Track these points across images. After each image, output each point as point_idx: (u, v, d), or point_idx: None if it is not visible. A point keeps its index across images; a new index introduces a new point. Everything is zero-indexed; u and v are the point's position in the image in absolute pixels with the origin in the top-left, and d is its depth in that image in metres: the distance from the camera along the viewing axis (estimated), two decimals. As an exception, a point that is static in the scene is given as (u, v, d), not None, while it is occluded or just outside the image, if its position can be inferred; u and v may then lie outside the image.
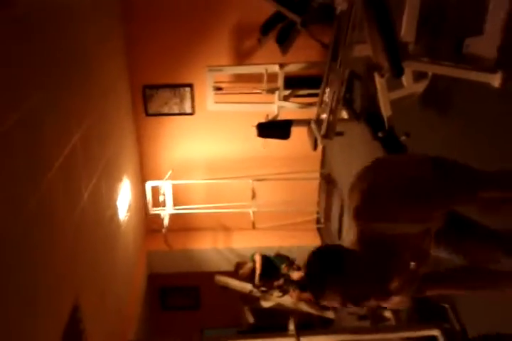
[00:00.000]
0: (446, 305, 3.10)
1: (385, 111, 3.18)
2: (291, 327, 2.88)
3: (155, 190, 6.43)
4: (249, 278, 6.41)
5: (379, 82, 3.07)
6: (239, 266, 6.55)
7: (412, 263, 1.52)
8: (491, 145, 2.71)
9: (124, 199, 5.75)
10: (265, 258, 6.47)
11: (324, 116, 3.93)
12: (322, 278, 1.47)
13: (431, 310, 3.19)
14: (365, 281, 1.47)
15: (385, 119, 3.21)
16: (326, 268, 1.47)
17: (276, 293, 6.51)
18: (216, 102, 5.71)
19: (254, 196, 6.61)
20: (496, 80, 2.56)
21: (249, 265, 6.49)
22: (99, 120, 4.69)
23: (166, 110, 6.46)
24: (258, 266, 6.33)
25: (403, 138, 3.20)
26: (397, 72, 2.50)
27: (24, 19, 3.01)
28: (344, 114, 5.19)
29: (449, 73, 2.71)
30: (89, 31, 4.47)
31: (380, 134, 3.26)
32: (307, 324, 6.22)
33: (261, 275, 6.35)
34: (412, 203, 1.49)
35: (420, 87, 3.23)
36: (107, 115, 5.12)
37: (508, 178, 1.63)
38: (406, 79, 3.17)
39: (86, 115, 4.23)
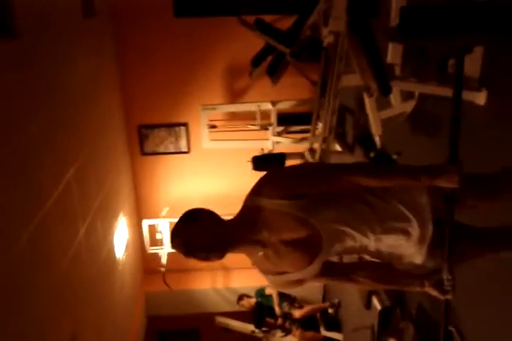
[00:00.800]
0: (452, 329, 3.02)
1: (376, 130, 3.24)
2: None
3: (152, 229, 6.39)
4: (248, 310, 6.35)
5: (368, 102, 3.14)
6: (241, 297, 6.48)
7: (273, 239, 1.69)
8: (479, 159, 2.74)
9: (120, 237, 5.71)
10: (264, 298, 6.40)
11: (317, 145, 3.99)
12: (178, 224, 1.71)
13: (436, 335, 3.11)
14: (208, 236, 1.66)
15: (376, 139, 3.26)
16: (184, 218, 1.72)
17: (278, 333, 6.36)
18: (211, 140, 5.80)
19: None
20: (480, 98, 2.64)
21: (252, 299, 6.42)
22: (94, 158, 4.73)
23: (161, 149, 6.53)
24: (275, 295, 6.29)
25: (395, 156, 3.24)
26: (385, 91, 2.58)
27: (23, 52, 3.08)
28: (337, 147, 5.27)
29: (435, 92, 2.79)
30: (84, 70, 4.58)
31: (371, 154, 3.30)
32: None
33: (259, 313, 6.25)
34: (279, 181, 1.73)
35: (408, 106, 3.31)
36: (103, 153, 5.17)
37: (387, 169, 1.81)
38: (394, 99, 3.26)
39: (81, 152, 4.26)
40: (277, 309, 6.35)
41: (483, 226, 1.93)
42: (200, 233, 1.66)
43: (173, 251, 6.16)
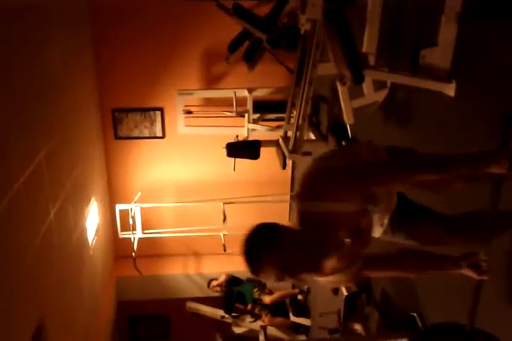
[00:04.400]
0: (414, 314, 3.11)
1: (348, 119, 3.28)
2: (262, 338, 2.84)
3: (124, 214, 6.35)
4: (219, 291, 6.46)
5: (341, 90, 3.18)
6: (212, 280, 6.54)
7: (347, 240, 1.57)
8: (447, 148, 2.81)
9: (92, 222, 5.67)
10: (234, 281, 6.45)
11: (291, 133, 4.02)
12: (258, 251, 1.54)
13: (399, 319, 3.20)
14: (299, 255, 1.53)
15: (348, 128, 3.31)
16: (262, 241, 1.55)
17: (248, 319, 6.43)
18: (186, 126, 5.77)
19: (225, 219, 6.59)
20: (450, 89, 2.69)
21: (222, 278, 6.50)
22: (66, 140, 4.67)
23: (136, 133, 6.48)
24: (222, 280, 6.38)
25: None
26: (358, 79, 2.61)
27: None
28: (311, 136, 5.31)
29: (406, 82, 2.84)
30: (60, 51, 4.50)
31: (343, 143, 3.35)
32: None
33: (230, 298, 6.31)
34: (343, 183, 1.60)
35: (381, 95, 3.36)
36: (75, 136, 5.10)
37: (444, 161, 1.72)
38: (367, 88, 3.30)
39: (52, 134, 4.20)
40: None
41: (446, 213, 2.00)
42: (291, 251, 1.53)
43: (144, 236, 6.05)
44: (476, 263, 1.79)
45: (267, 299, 6.42)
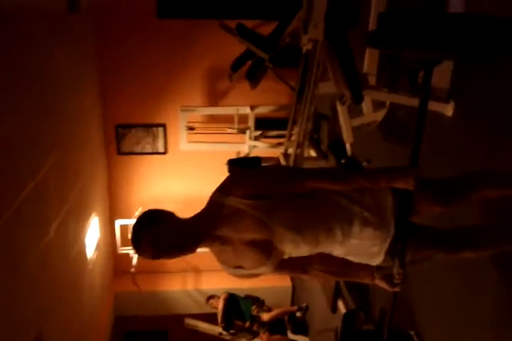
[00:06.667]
0: (412, 332, 3.11)
1: (347, 138, 3.33)
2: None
3: (124, 229, 6.36)
4: (216, 310, 6.36)
5: (341, 110, 3.23)
6: (211, 296, 6.48)
7: (234, 236, 1.74)
8: (442, 167, 2.84)
9: (92, 236, 5.68)
10: (233, 299, 6.40)
11: (292, 150, 4.06)
12: (137, 231, 1.69)
13: (397, 338, 3.20)
14: (174, 235, 1.68)
15: (347, 146, 3.36)
16: (142, 222, 1.70)
17: (246, 336, 6.39)
18: (189, 142, 5.82)
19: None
20: (448, 110, 2.74)
21: (221, 298, 6.44)
22: (69, 155, 4.71)
23: (138, 149, 6.54)
24: (220, 306, 6.25)
25: (365, 163, 3.34)
26: (357, 99, 2.67)
27: (3, 38, 3.06)
28: (312, 153, 5.36)
29: (405, 102, 2.89)
30: (64, 66, 4.56)
31: (342, 161, 3.39)
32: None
33: (228, 315, 6.26)
34: (240, 181, 1.79)
35: (379, 115, 3.42)
36: (78, 151, 5.15)
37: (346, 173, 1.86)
38: (366, 108, 3.36)
39: (55, 148, 4.23)
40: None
41: (442, 228, 2.02)
42: (168, 232, 1.68)
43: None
44: (389, 275, 1.84)
45: (265, 316, 6.38)
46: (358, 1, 4.24)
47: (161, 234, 1.67)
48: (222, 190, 1.77)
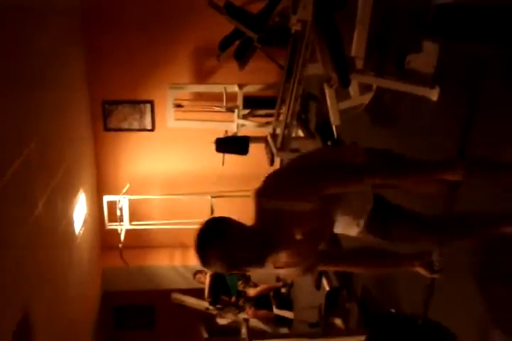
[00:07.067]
0: (393, 310, 3.20)
1: (334, 120, 3.36)
2: (244, 330, 2.92)
3: (112, 205, 6.39)
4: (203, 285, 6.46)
5: (328, 92, 3.25)
6: (198, 271, 6.58)
7: (298, 237, 1.66)
8: (428, 150, 2.90)
9: (79, 212, 5.71)
10: (219, 275, 6.50)
11: (280, 130, 4.08)
12: (205, 247, 1.59)
13: (378, 316, 3.29)
14: (246, 250, 1.61)
15: (334, 128, 3.39)
16: (210, 232, 1.61)
17: (232, 311, 6.52)
18: (176, 119, 5.80)
19: (212, 213, 6.65)
20: (433, 95, 2.77)
21: (208, 274, 6.54)
22: (55, 131, 4.69)
23: (125, 126, 6.51)
24: (207, 281, 6.37)
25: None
26: (345, 83, 2.69)
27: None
28: (300, 133, 5.38)
29: (391, 86, 2.92)
30: (49, 41, 4.50)
31: (329, 143, 3.43)
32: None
33: (215, 291, 6.37)
34: (289, 183, 1.70)
35: (366, 98, 3.45)
36: (65, 127, 5.13)
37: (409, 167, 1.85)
38: (353, 91, 3.38)
39: (43, 124, 4.22)
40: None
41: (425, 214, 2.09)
42: (239, 246, 1.60)
43: (131, 227, 6.09)
44: (428, 262, 1.92)
45: (251, 292, 6.51)
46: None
47: (231, 248, 1.58)
48: (273, 196, 1.66)
